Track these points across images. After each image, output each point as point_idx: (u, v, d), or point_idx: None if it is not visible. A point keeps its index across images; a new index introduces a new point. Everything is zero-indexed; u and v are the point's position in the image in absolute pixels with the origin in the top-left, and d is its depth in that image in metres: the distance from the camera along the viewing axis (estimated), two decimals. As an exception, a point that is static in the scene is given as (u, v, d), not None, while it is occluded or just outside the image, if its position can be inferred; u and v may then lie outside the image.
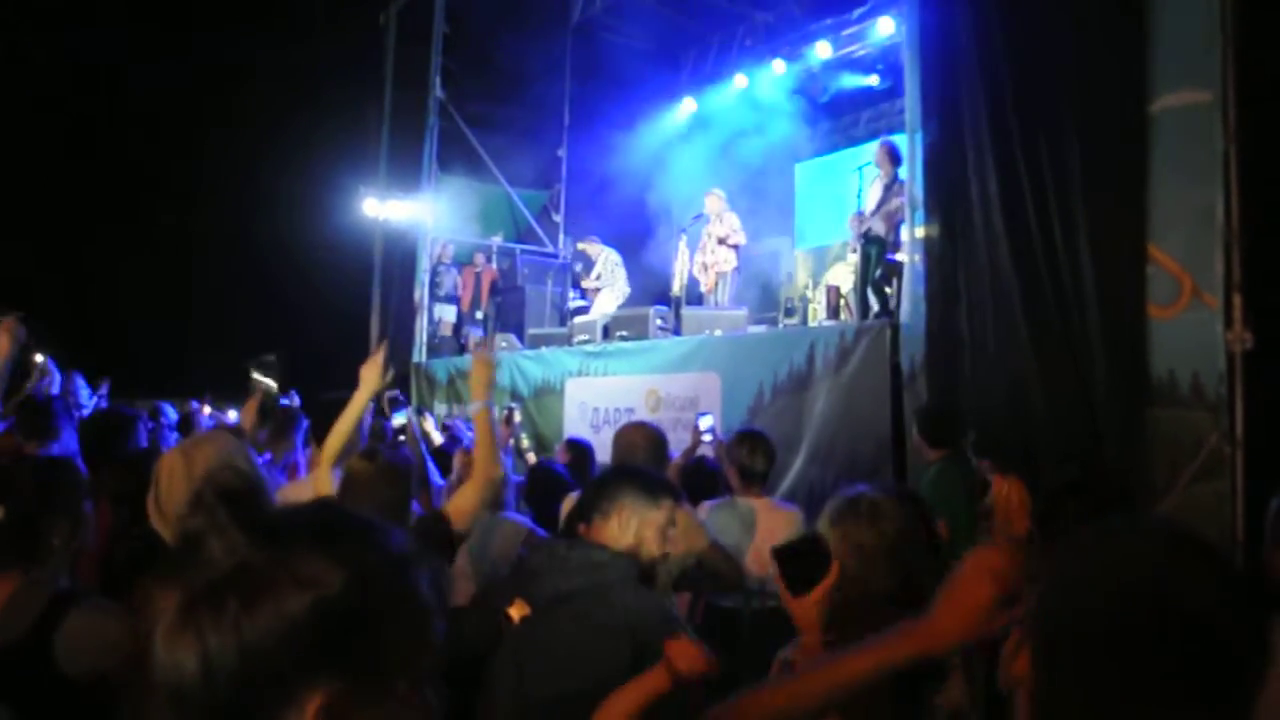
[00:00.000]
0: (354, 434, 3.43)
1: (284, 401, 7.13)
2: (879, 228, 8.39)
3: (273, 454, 4.48)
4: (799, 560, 1.77)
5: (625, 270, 11.47)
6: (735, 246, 10.10)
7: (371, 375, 3.40)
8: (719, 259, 10.10)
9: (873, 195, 8.68)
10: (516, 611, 2.34)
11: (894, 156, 8.51)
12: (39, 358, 6.56)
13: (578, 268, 12.11)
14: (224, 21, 16.77)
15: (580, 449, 5.47)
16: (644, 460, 3.74)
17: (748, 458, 4.27)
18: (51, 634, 2.04)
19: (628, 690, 1.93)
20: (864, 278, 8.41)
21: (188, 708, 0.82)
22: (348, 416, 3.39)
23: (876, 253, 8.34)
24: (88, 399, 7.89)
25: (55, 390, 6.56)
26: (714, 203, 10.28)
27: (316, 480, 3.37)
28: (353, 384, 3.45)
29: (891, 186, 8.43)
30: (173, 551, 2.26)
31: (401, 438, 4.63)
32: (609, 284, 11.35)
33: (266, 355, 4.13)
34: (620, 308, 10.58)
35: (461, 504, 2.96)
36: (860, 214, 8.69)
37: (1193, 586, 0.94)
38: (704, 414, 5.37)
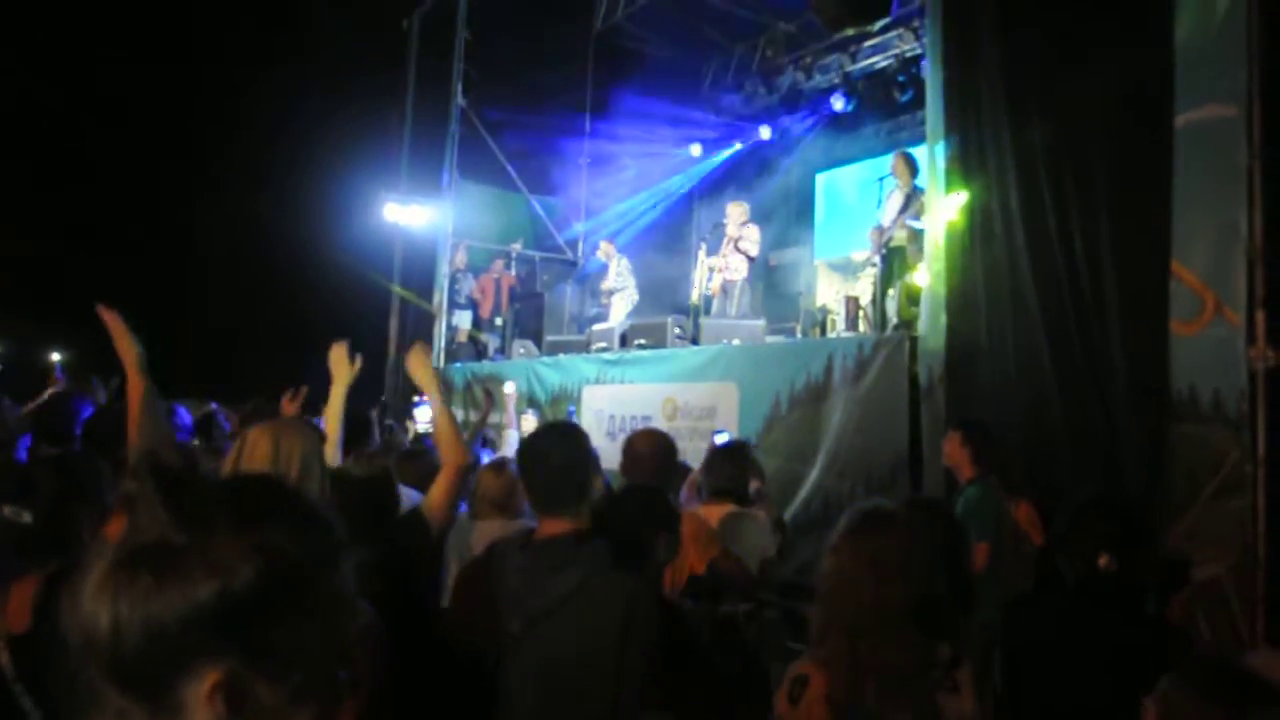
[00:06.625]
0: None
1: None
2: (901, 237, 8.34)
3: None
4: None
5: (635, 278, 11.50)
6: (749, 256, 10.15)
7: (341, 367, 3.50)
8: (730, 265, 10.14)
9: (892, 206, 8.60)
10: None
11: (912, 166, 8.51)
12: (55, 356, 6.66)
13: (604, 275, 12.09)
14: (246, 26, 16.93)
15: None
16: (653, 468, 3.73)
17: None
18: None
19: None
20: (883, 290, 8.36)
21: (95, 661, 0.87)
22: (333, 412, 3.47)
23: (897, 265, 8.28)
24: None
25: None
26: (736, 212, 10.43)
27: None
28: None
29: (912, 195, 8.38)
30: None
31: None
32: (621, 288, 11.40)
33: None
34: (630, 315, 10.59)
35: (434, 497, 2.87)
36: (880, 227, 8.64)
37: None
38: (720, 431, 5.38)
